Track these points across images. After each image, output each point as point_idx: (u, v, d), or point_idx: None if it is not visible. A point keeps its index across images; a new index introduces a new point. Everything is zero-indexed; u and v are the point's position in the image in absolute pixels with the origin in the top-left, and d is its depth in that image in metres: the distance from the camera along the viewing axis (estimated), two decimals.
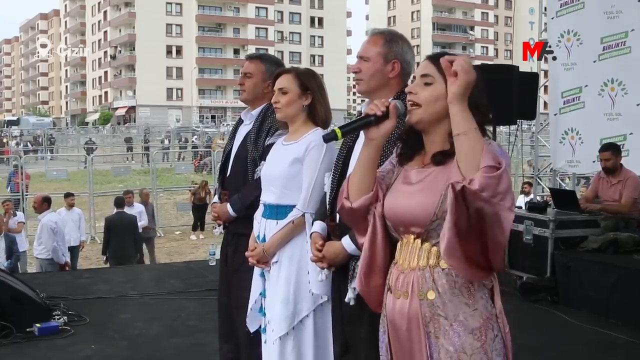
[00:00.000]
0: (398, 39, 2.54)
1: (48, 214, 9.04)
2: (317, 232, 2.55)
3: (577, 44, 7.83)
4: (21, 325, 4.87)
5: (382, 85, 2.50)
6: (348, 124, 2.04)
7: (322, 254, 2.44)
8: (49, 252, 8.87)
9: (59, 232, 8.94)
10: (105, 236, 10.00)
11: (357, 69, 2.52)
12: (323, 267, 2.47)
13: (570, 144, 7.99)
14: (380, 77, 2.49)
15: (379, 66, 2.48)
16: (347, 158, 2.52)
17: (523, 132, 11.21)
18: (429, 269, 1.86)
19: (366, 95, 2.55)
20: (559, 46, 7.98)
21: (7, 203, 10.80)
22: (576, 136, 7.94)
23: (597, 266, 5.51)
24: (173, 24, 69.58)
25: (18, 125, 55.94)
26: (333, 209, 2.51)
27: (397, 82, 2.51)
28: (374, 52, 2.49)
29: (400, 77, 2.52)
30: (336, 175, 2.54)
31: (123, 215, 10.19)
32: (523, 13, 62.89)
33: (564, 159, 8.12)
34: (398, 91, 2.48)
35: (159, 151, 28.33)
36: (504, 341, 1.85)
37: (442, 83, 1.89)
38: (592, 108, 7.74)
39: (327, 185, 2.60)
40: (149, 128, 45.08)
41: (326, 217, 2.56)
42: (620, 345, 4.77)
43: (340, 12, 76.51)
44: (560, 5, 7.99)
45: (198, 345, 4.80)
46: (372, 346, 2.28)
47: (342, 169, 2.52)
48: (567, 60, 7.91)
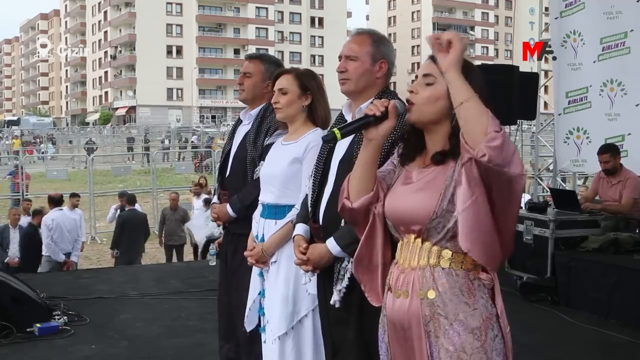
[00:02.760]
0: (384, 40, 2.55)
1: (51, 212, 9.11)
2: (300, 234, 2.54)
3: (581, 44, 7.82)
4: (21, 326, 4.87)
5: (369, 85, 2.49)
6: (347, 125, 2.04)
7: (307, 257, 2.44)
8: (46, 249, 8.94)
9: (56, 229, 8.96)
10: (117, 232, 10.06)
11: (344, 68, 2.50)
12: (308, 270, 2.46)
13: (576, 144, 7.97)
14: (368, 77, 2.49)
15: (368, 66, 2.48)
16: (328, 160, 2.51)
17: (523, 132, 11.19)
18: (429, 269, 1.86)
19: (352, 95, 2.53)
20: (565, 46, 7.94)
21: (27, 202, 10.98)
22: (583, 135, 7.91)
23: (597, 266, 5.51)
24: (173, 24, 69.59)
25: (18, 125, 55.98)
26: (315, 211, 2.51)
27: (381, 83, 2.52)
28: (363, 51, 2.48)
29: (385, 77, 2.52)
30: (317, 176, 2.53)
31: (135, 212, 10.35)
32: (523, 13, 62.84)
33: (569, 158, 8.10)
34: (379, 91, 2.49)
35: (159, 151, 28.34)
36: (504, 341, 1.85)
37: (444, 83, 1.89)
38: (596, 108, 7.74)
39: (309, 187, 2.59)
40: (149, 128, 45.13)
41: (309, 220, 2.55)
42: (621, 345, 4.77)
43: (341, 12, 76.47)
44: (565, 6, 7.97)
45: (198, 345, 4.80)
46: (361, 347, 2.28)
47: (323, 171, 2.51)
48: (574, 60, 7.88)
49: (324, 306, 2.49)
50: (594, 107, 7.73)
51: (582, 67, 7.83)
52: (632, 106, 7.33)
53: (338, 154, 2.48)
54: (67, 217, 9.22)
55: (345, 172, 2.09)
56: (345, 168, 2.26)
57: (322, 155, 2.55)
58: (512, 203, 1.77)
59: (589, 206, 6.33)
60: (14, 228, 8.95)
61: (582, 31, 7.80)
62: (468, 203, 1.74)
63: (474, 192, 1.73)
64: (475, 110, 1.72)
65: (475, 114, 1.71)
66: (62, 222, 9.04)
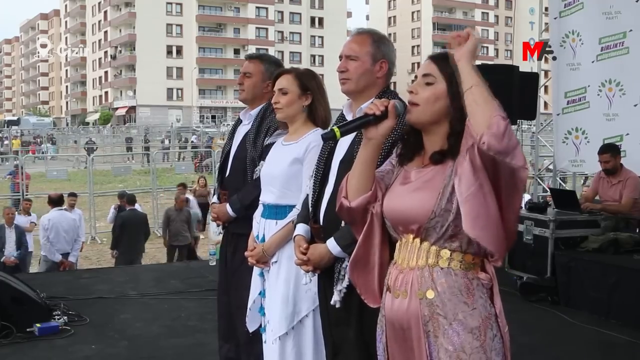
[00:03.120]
0: (385, 40, 2.54)
1: (50, 212, 9.15)
2: (301, 235, 2.53)
3: (580, 44, 7.82)
4: (21, 326, 4.87)
5: (370, 85, 2.49)
6: (347, 124, 2.04)
7: (307, 257, 2.44)
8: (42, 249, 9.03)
9: (52, 229, 8.96)
10: (117, 232, 10.06)
11: (344, 68, 2.50)
12: (308, 270, 2.46)
13: (574, 144, 7.97)
14: (369, 77, 2.49)
15: (368, 66, 2.48)
16: (329, 160, 2.51)
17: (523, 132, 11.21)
18: (428, 268, 1.86)
19: (352, 95, 2.53)
20: (564, 46, 7.94)
21: (26, 202, 11.02)
22: (581, 135, 7.91)
23: (597, 266, 5.51)
24: (173, 24, 69.59)
25: (18, 125, 55.94)
26: (316, 212, 2.51)
27: (382, 83, 2.52)
28: (363, 51, 2.48)
29: (386, 77, 2.52)
30: (317, 176, 2.53)
31: (135, 212, 10.38)
32: (523, 13, 62.86)
33: (567, 158, 8.11)
34: (380, 91, 2.49)
35: (159, 151, 28.35)
36: (503, 341, 1.85)
37: (443, 83, 1.91)
38: (594, 108, 7.74)
39: (309, 187, 2.59)
40: (149, 128, 45.11)
41: (309, 220, 2.54)
42: (621, 345, 4.77)
43: (341, 12, 76.46)
44: (564, 6, 7.97)
45: (198, 345, 4.80)
46: (361, 348, 2.28)
47: (324, 171, 2.51)
48: (573, 60, 7.89)
49: (325, 306, 2.49)
50: (592, 107, 7.73)
51: (581, 67, 7.83)
52: (630, 106, 7.33)
53: (339, 154, 2.48)
54: (66, 217, 9.22)
55: (345, 173, 2.09)
56: (345, 168, 2.26)
57: (322, 156, 2.55)
58: (515, 193, 1.77)
59: (588, 206, 6.33)
60: (9, 227, 8.99)
61: (580, 31, 7.80)
62: (472, 189, 1.73)
63: (478, 177, 1.73)
64: (483, 95, 1.75)
65: (483, 99, 1.74)
66: (59, 222, 9.04)
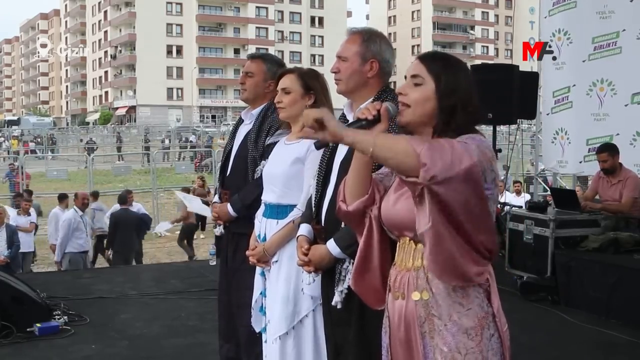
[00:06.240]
0: (376, 38, 2.51)
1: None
2: (304, 235, 2.53)
3: (567, 43, 7.81)
4: (21, 325, 4.86)
5: (361, 85, 2.48)
6: None
7: (308, 258, 2.44)
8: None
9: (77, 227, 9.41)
10: (111, 231, 10.20)
11: (336, 69, 2.50)
12: (309, 271, 2.46)
13: (560, 144, 7.99)
14: (358, 77, 2.47)
15: (357, 66, 2.46)
16: (331, 160, 2.51)
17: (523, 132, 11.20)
18: (422, 270, 1.86)
19: (346, 95, 2.53)
20: (550, 45, 7.97)
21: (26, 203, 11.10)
22: (565, 136, 7.93)
23: (597, 266, 5.50)
24: (173, 23, 69.55)
25: (18, 125, 55.97)
26: (318, 212, 2.51)
27: (376, 82, 2.49)
28: (352, 51, 2.47)
29: (380, 76, 2.49)
30: (320, 177, 2.53)
31: (127, 211, 10.46)
32: (523, 13, 62.92)
33: (555, 158, 8.12)
34: (379, 91, 2.47)
35: (160, 151, 28.35)
36: (501, 340, 1.84)
37: (432, 83, 1.91)
38: (579, 108, 7.73)
39: (312, 188, 2.59)
40: (149, 128, 45.10)
41: (312, 220, 2.54)
42: (621, 345, 4.77)
43: (341, 12, 76.40)
44: (552, 4, 7.98)
45: (198, 345, 4.79)
46: (361, 348, 2.28)
47: (326, 171, 2.51)
48: (558, 59, 7.91)
49: (326, 307, 2.49)
50: (576, 107, 7.73)
51: (565, 67, 7.83)
52: (621, 106, 7.32)
53: (340, 154, 2.48)
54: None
55: (346, 174, 2.09)
56: (346, 169, 2.26)
57: (324, 156, 2.55)
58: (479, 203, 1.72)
59: (588, 205, 6.32)
60: (0, 227, 9.00)
61: (569, 30, 7.79)
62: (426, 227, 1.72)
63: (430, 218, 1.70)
64: (388, 145, 1.69)
65: (392, 150, 1.68)
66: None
